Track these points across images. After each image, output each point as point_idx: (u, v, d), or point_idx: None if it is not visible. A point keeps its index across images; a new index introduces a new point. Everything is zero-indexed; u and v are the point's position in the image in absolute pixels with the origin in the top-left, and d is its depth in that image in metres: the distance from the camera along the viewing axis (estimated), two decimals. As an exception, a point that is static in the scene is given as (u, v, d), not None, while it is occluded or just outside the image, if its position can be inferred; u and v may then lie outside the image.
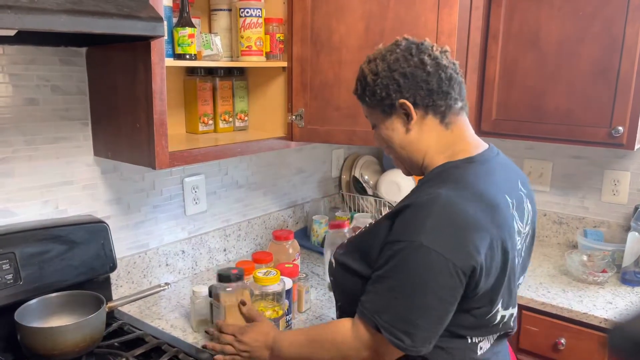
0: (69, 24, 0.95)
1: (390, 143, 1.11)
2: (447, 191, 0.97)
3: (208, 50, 1.47)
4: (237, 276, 1.25)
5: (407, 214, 0.98)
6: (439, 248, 0.92)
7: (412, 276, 0.94)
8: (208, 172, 1.82)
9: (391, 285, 0.96)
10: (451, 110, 1.06)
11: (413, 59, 1.05)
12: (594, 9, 1.66)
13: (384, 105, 1.08)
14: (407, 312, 0.95)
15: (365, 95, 1.10)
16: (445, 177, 1.02)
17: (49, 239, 1.32)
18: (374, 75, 1.07)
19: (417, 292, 0.94)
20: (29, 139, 1.36)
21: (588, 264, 1.80)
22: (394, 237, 0.97)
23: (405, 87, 1.04)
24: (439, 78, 1.04)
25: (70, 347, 1.18)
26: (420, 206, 0.97)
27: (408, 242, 0.94)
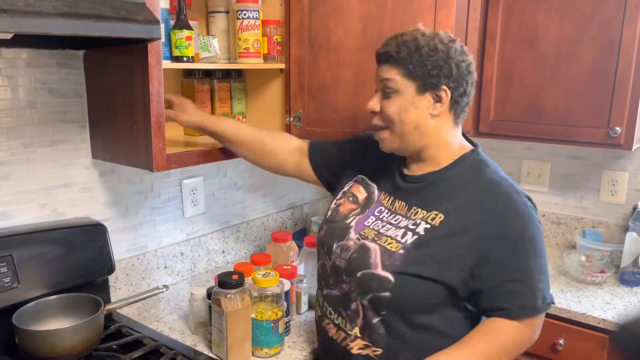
0: (66, 27, 0.95)
1: (405, 117, 1.12)
2: (503, 175, 1.14)
3: (206, 53, 1.47)
4: (238, 282, 1.25)
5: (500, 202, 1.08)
6: (535, 214, 1.10)
7: (542, 248, 1.09)
8: (206, 174, 1.82)
9: (538, 265, 1.08)
10: (464, 114, 1.17)
11: (467, 58, 1.12)
12: (591, 10, 1.66)
13: (425, 81, 1.10)
14: (545, 277, 1.10)
15: (410, 62, 1.10)
16: (481, 165, 1.15)
17: (47, 242, 1.32)
18: (430, 51, 1.09)
19: (544, 257, 1.10)
20: (26, 142, 1.36)
21: (586, 265, 1.80)
22: (510, 229, 1.06)
23: (453, 78, 1.10)
24: (471, 84, 1.14)
25: (68, 350, 1.18)
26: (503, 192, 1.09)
27: (525, 222, 1.07)
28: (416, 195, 1.17)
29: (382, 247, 1.12)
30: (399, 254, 1.10)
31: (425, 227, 1.10)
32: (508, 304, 1.07)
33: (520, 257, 1.07)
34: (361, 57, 1.54)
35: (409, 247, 1.10)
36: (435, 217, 1.10)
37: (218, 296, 1.26)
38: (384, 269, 1.10)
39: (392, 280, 1.08)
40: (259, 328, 1.30)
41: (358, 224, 1.22)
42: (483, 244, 1.06)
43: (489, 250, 1.06)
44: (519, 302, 1.07)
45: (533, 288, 1.07)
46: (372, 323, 1.13)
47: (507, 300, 1.07)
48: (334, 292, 1.21)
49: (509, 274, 1.07)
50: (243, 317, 1.27)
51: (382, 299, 1.10)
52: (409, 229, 1.12)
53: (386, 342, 1.13)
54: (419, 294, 1.08)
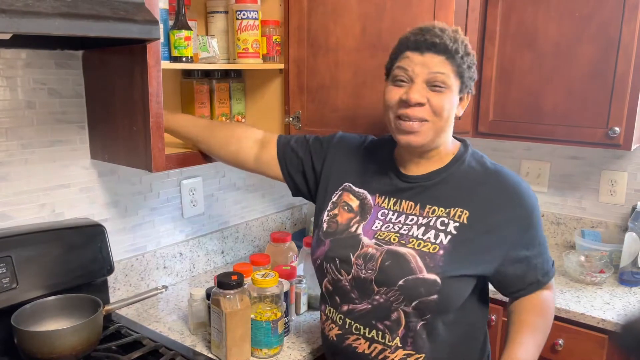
0: (64, 27, 0.95)
1: (450, 113, 1.14)
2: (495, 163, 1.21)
3: (205, 53, 1.47)
4: (238, 283, 1.25)
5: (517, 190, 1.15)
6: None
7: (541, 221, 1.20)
8: (205, 174, 1.82)
9: (543, 239, 1.19)
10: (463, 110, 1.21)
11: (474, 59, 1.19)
12: (590, 10, 1.66)
13: (467, 83, 1.15)
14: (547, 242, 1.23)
15: (463, 62, 1.12)
16: (480, 157, 1.21)
17: (46, 242, 1.32)
18: (473, 57, 1.16)
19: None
20: (25, 143, 1.36)
21: (586, 265, 1.80)
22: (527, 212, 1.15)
23: (472, 83, 1.18)
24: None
25: (67, 351, 1.18)
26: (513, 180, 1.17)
27: (534, 202, 1.16)
28: (424, 194, 1.17)
29: (418, 250, 1.11)
30: (440, 254, 1.10)
31: (455, 225, 1.12)
32: (536, 277, 1.18)
33: (537, 233, 1.17)
34: (360, 58, 1.54)
35: (447, 247, 1.10)
36: (462, 215, 1.13)
37: (217, 297, 1.26)
38: (430, 271, 1.09)
39: (439, 282, 1.08)
40: (258, 328, 1.30)
41: (365, 230, 1.18)
42: (512, 234, 1.13)
43: (518, 237, 1.14)
44: (541, 272, 1.19)
45: (546, 255, 1.20)
46: (416, 329, 1.13)
47: (535, 274, 1.18)
48: (360, 306, 1.16)
49: (533, 250, 1.16)
50: (242, 317, 1.27)
51: (430, 302, 1.09)
52: (438, 228, 1.13)
53: (428, 347, 1.14)
54: (462, 291, 1.13)
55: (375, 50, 1.52)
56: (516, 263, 1.15)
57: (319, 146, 1.34)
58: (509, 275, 1.16)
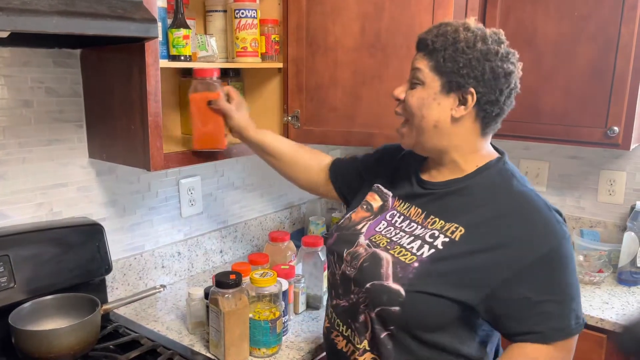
0: (61, 25, 0.95)
1: (426, 112, 1.05)
2: (530, 187, 1.06)
3: (203, 52, 1.47)
4: (236, 282, 1.25)
5: (530, 217, 1.00)
6: (567, 229, 1.02)
7: (574, 265, 1.02)
8: (204, 173, 1.82)
9: (571, 283, 1.00)
10: (494, 126, 1.09)
11: (509, 65, 1.02)
12: (589, 10, 1.66)
13: (452, 79, 1.02)
14: (578, 295, 1.01)
15: (443, 55, 1.02)
16: (509, 175, 1.06)
17: (43, 242, 1.32)
18: (467, 47, 1.00)
19: (575, 276, 1.02)
20: (22, 141, 1.35)
21: (584, 264, 1.80)
22: (543, 248, 0.98)
23: (485, 82, 1.01)
24: (509, 97, 1.05)
25: (65, 350, 1.17)
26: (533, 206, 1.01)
27: (559, 240, 0.98)
28: (435, 202, 1.10)
29: (395, 258, 1.06)
30: (413, 266, 1.03)
31: (444, 240, 1.03)
32: (540, 327, 0.98)
33: (553, 275, 0.98)
34: (359, 57, 1.54)
35: (424, 261, 1.02)
36: (456, 231, 1.02)
37: (216, 296, 1.25)
38: (396, 281, 1.03)
39: (403, 294, 1.01)
40: (257, 328, 1.30)
41: (369, 229, 1.16)
42: (510, 264, 0.97)
43: (517, 270, 0.97)
44: (552, 324, 0.98)
45: (567, 308, 0.98)
46: (380, 337, 1.07)
47: (539, 323, 0.98)
48: (342, 302, 1.15)
49: (541, 294, 0.97)
50: (240, 317, 1.26)
51: (391, 313, 1.03)
52: (426, 241, 1.05)
53: (395, 358, 1.07)
54: (432, 311, 1.02)
55: (374, 49, 1.51)
56: (509, 302, 0.99)
57: (367, 160, 1.35)
58: (499, 314, 1.00)
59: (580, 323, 1.00)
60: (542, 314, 0.98)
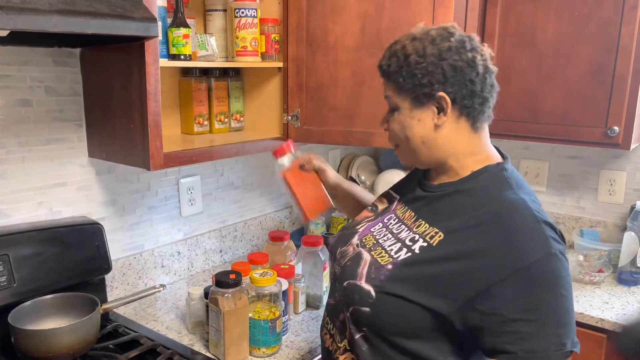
0: (61, 24, 0.95)
1: (410, 133, 1.03)
2: (524, 196, 0.96)
3: (203, 51, 1.47)
4: (236, 282, 1.25)
5: (512, 226, 0.92)
6: (559, 246, 0.92)
7: (565, 285, 0.90)
8: (204, 173, 1.81)
9: (557, 305, 0.90)
10: (484, 117, 1.03)
11: (466, 53, 0.98)
12: (589, 10, 1.66)
13: (419, 92, 0.99)
14: (567, 321, 0.90)
15: (400, 75, 1.00)
16: (504, 181, 0.99)
17: (43, 241, 1.32)
18: (418, 57, 0.97)
19: (569, 297, 0.91)
20: (22, 141, 1.35)
21: (584, 264, 1.80)
22: (521, 261, 0.89)
23: (450, 81, 0.97)
24: (484, 82, 1.00)
25: (64, 350, 1.17)
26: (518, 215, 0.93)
27: (542, 255, 0.89)
28: (427, 206, 1.07)
29: (373, 259, 1.04)
30: (387, 268, 1.00)
31: (422, 245, 0.99)
32: (513, 347, 0.89)
33: (530, 293, 0.89)
34: (359, 57, 1.54)
35: (398, 264, 0.99)
36: (435, 236, 0.98)
37: (215, 295, 1.25)
38: (368, 281, 1.01)
39: (373, 295, 0.99)
40: (257, 327, 1.30)
41: (365, 229, 1.15)
42: (487, 273, 0.90)
43: (494, 281, 0.90)
44: (526, 346, 0.88)
45: (545, 331, 0.89)
46: (355, 338, 1.05)
47: (512, 342, 0.89)
48: (331, 300, 1.15)
49: (516, 311, 0.89)
50: (240, 316, 1.26)
51: (362, 314, 1.01)
52: (405, 244, 1.02)
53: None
54: (400, 316, 0.97)
55: (374, 49, 1.51)
56: (484, 315, 0.91)
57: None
58: (474, 326, 0.93)
59: (564, 351, 0.88)
60: (517, 333, 0.89)
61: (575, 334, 0.91)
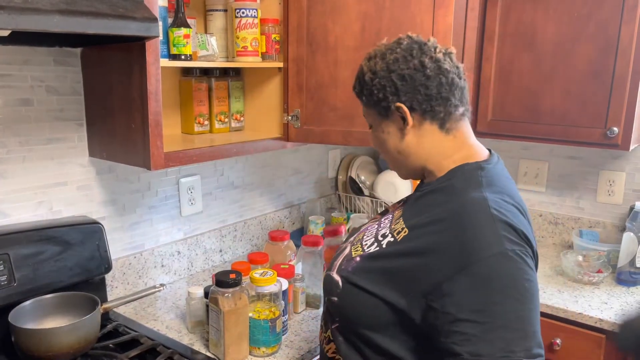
0: (63, 24, 0.95)
1: (386, 146, 1.08)
2: (491, 195, 0.94)
3: (204, 51, 1.47)
4: (236, 281, 1.25)
5: (467, 224, 0.90)
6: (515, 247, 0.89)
7: (518, 289, 0.87)
8: (204, 172, 1.82)
9: (507, 308, 0.86)
10: (451, 117, 1.02)
11: (413, 60, 1.00)
12: (589, 10, 1.66)
13: (380, 107, 1.04)
14: (520, 328, 0.86)
15: (363, 95, 1.07)
16: (475, 179, 0.98)
17: (43, 240, 1.32)
18: (372, 74, 1.03)
19: (525, 301, 0.87)
20: (22, 140, 1.35)
21: (583, 264, 1.80)
22: (469, 259, 0.87)
23: (402, 91, 1.00)
24: (439, 83, 1.00)
25: (64, 349, 1.18)
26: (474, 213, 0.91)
27: (492, 254, 0.87)
28: (411, 205, 1.09)
29: (349, 252, 1.08)
30: (355, 261, 1.04)
31: (389, 240, 1.02)
32: (460, 348, 0.86)
33: (479, 292, 0.86)
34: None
35: (364, 257, 1.03)
36: (401, 231, 1.01)
37: (215, 295, 1.26)
38: (338, 272, 1.05)
39: (340, 286, 1.03)
40: (256, 327, 1.30)
41: (365, 228, 1.18)
42: (440, 270, 0.90)
43: (445, 278, 0.88)
44: (471, 349, 0.85)
45: (492, 334, 0.85)
46: (332, 329, 1.08)
47: (459, 343, 0.86)
48: None
49: (463, 311, 0.87)
50: (240, 316, 1.26)
51: (333, 303, 1.05)
52: (377, 239, 1.05)
53: (345, 353, 1.06)
54: (363, 308, 1.00)
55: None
56: (437, 312, 0.89)
57: None
58: (430, 324, 0.92)
59: (511, 358, 0.83)
60: (463, 334, 0.86)
61: (535, 344, 0.86)
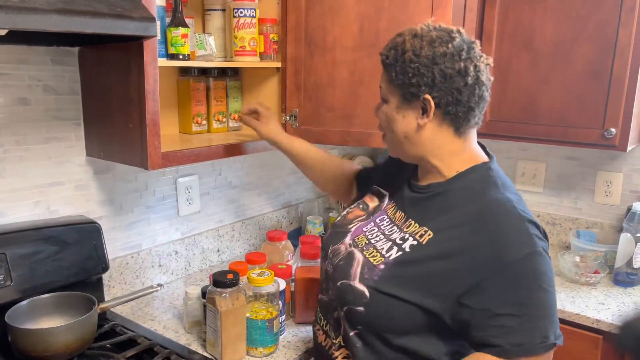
0: (60, 23, 0.95)
1: (394, 126, 1.06)
2: (510, 195, 1.00)
3: (202, 51, 1.47)
4: (233, 281, 1.25)
5: (498, 225, 0.95)
6: (542, 244, 0.95)
7: (547, 280, 0.94)
8: (202, 172, 1.81)
9: (539, 299, 0.93)
10: (468, 124, 1.04)
11: (460, 62, 0.99)
12: (587, 11, 1.66)
13: (406, 90, 1.02)
14: (549, 314, 0.95)
15: (394, 69, 1.02)
16: (490, 181, 1.02)
17: (40, 240, 1.32)
18: (414, 56, 0.99)
19: (552, 291, 0.95)
20: (20, 139, 1.35)
21: (581, 265, 1.80)
22: (506, 258, 0.92)
23: (438, 86, 0.99)
24: (472, 93, 1.01)
25: (61, 349, 1.17)
26: (504, 214, 0.97)
27: (526, 253, 0.93)
28: (416, 206, 1.09)
29: (366, 259, 1.06)
30: (379, 268, 1.02)
31: (412, 243, 1.02)
32: (500, 340, 0.92)
33: (515, 289, 0.93)
34: (357, 57, 1.54)
35: (390, 263, 1.02)
36: (424, 234, 1.01)
37: (213, 295, 1.25)
38: (361, 282, 1.03)
39: (367, 296, 1.01)
40: (254, 327, 1.30)
41: (357, 229, 1.17)
42: (475, 271, 0.94)
43: (481, 278, 0.93)
44: (512, 339, 0.92)
45: (529, 324, 0.93)
46: (350, 336, 1.07)
47: (499, 336, 0.93)
48: (324, 297, 1.17)
49: (502, 306, 0.93)
50: (238, 316, 1.26)
51: (357, 313, 1.03)
52: (396, 243, 1.05)
53: (364, 357, 1.06)
54: (394, 315, 1.00)
55: (372, 49, 1.51)
56: (473, 310, 0.94)
57: (388, 164, 1.33)
58: (464, 321, 0.96)
59: (547, 344, 0.93)
60: (502, 327, 0.93)
61: (558, 328, 0.95)
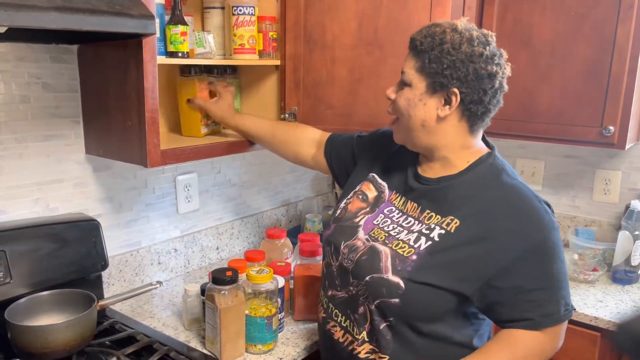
0: (59, 21, 0.95)
1: (413, 112, 1.09)
2: (520, 180, 1.10)
3: (201, 48, 1.47)
4: (232, 279, 1.25)
5: (519, 209, 1.04)
6: (555, 219, 1.07)
7: (563, 254, 1.06)
8: (201, 170, 1.82)
9: (560, 271, 1.04)
10: (482, 124, 1.11)
11: (492, 66, 1.04)
12: (586, 9, 1.67)
13: (435, 79, 1.05)
14: (566, 283, 1.06)
15: (428, 56, 1.05)
16: (499, 169, 1.10)
17: (39, 237, 1.32)
18: (452, 49, 1.03)
19: (565, 258, 1.08)
20: (19, 137, 1.35)
21: (579, 263, 1.81)
22: (535, 238, 1.03)
23: (468, 83, 1.04)
24: (494, 96, 1.07)
25: (61, 346, 1.18)
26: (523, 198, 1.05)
27: (549, 230, 1.03)
28: (430, 198, 1.13)
29: (394, 251, 1.09)
30: (412, 259, 1.06)
31: (440, 232, 1.06)
32: (531, 314, 1.03)
33: (543, 265, 1.03)
34: (356, 55, 1.54)
35: (422, 253, 1.06)
36: (451, 223, 1.06)
37: (212, 292, 1.26)
38: (395, 274, 1.06)
39: (402, 287, 1.05)
40: (253, 324, 1.30)
41: (367, 223, 1.18)
42: (504, 253, 1.02)
43: (511, 260, 1.01)
44: (542, 311, 1.03)
45: (556, 295, 1.04)
46: (379, 329, 1.10)
47: (530, 310, 1.03)
48: (340, 294, 1.18)
49: (532, 283, 1.03)
50: (237, 313, 1.27)
51: (391, 305, 1.07)
52: (422, 233, 1.08)
53: (393, 349, 1.10)
54: (430, 302, 1.05)
55: (371, 47, 1.52)
56: (503, 290, 1.03)
57: (361, 141, 1.38)
58: (492, 301, 1.05)
59: (569, 310, 1.06)
60: (533, 301, 1.03)
61: (570, 295, 1.08)
